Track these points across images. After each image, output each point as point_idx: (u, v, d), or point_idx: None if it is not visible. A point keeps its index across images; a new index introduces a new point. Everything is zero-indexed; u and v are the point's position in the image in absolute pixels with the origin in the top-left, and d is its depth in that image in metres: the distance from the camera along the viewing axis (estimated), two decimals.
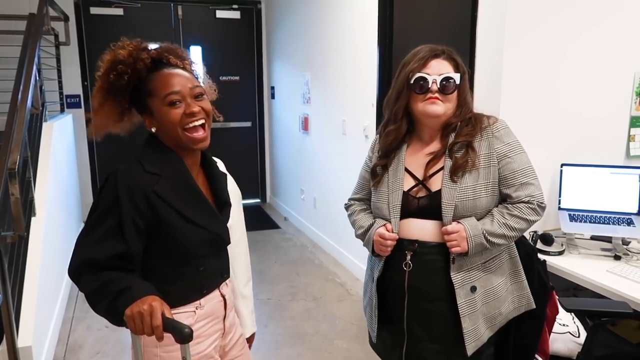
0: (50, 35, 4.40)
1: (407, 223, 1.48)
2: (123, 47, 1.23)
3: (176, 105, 1.22)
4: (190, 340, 1.05)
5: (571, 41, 2.28)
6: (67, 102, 5.08)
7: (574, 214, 2.26)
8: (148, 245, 1.20)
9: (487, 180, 1.43)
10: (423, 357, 1.51)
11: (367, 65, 3.45)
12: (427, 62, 1.45)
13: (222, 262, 1.36)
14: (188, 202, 1.23)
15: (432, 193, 1.45)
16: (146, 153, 1.25)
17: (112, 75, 1.21)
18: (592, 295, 1.92)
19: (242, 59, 5.83)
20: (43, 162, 3.28)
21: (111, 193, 1.16)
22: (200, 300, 1.29)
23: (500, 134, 1.45)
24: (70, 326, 3.17)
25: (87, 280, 1.13)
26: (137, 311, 1.04)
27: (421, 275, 1.46)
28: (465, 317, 1.43)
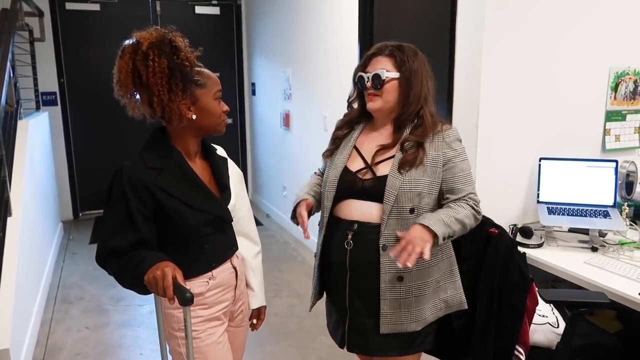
0: (25, 31, 4.30)
1: (349, 204, 1.56)
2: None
3: (219, 101, 1.42)
4: (189, 304, 1.20)
5: (548, 38, 2.31)
6: (42, 99, 4.97)
7: (552, 207, 2.29)
8: (158, 230, 1.36)
9: (431, 178, 1.51)
10: (362, 331, 1.58)
11: (348, 61, 3.45)
12: (368, 62, 1.59)
13: (228, 238, 1.52)
14: (188, 190, 1.37)
15: (377, 177, 1.53)
16: (148, 150, 1.38)
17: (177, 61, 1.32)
18: (571, 287, 1.95)
19: (222, 55, 5.78)
20: (18, 160, 3.21)
21: (117, 187, 1.31)
22: (212, 272, 1.45)
23: (450, 140, 1.54)
24: (49, 328, 3.11)
25: (112, 264, 1.32)
26: (152, 276, 1.20)
27: (361, 253, 1.53)
28: (386, 300, 1.51)
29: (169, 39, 1.31)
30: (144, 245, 1.32)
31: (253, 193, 6.16)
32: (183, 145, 1.41)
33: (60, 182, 5.14)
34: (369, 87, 1.55)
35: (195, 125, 1.39)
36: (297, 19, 4.32)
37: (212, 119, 1.41)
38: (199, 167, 1.46)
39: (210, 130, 1.44)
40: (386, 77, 1.52)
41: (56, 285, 3.74)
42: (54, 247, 4.31)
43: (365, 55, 1.61)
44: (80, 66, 5.19)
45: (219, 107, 1.42)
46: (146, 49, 1.27)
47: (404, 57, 1.53)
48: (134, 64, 1.27)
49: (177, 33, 1.35)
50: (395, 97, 1.54)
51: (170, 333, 1.45)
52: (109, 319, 3.21)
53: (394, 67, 1.53)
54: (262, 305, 1.72)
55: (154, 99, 1.29)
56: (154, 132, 1.43)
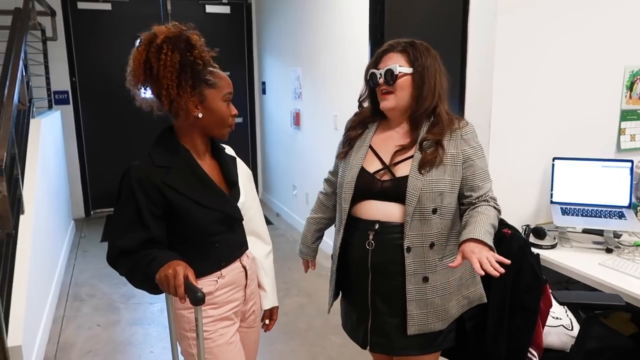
0: (37, 30, 4.33)
1: (368, 204, 1.54)
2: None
3: (229, 104, 1.42)
4: (201, 303, 1.19)
5: (563, 36, 2.28)
6: (55, 98, 5.02)
7: (566, 207, 2.26)
8: (168, 228, 1.36)
9: (452, 177, 1.49)
10: (385, 331, 1.56)
11: (358, 60, 3.44)
12: (380, 59, 1.56)
13: (237, 237, 1.51)
14: (197, 188, 1.37)
15: (397, 178, 1.50)
16: (156, 149, 1.38)
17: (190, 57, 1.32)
18: (584, 288, 1.92)
19: (233, 55, 5.79)
20: (31, 159, 3.24)
21: (127, 186, 1.31)
22: (222, 271, 1.44)
23: (469, 137, 1.52)
24: (61, 325, 3.13)
25: (123, 264, 1.31)
26: (164, 275, 1.20)
27: (383, 253, 1.51)
28: (412, 302, 1.49)
29: (185, 36, 1.31)
30: (154, 244, 1.32)
31: (263, 192, 6.16)
32: (191, 143, 1.41)
33: (72, 180, 5.18)
34: (382, 84, 1.53)
35: (200, 124, 1.39)
36: (308, 18, 4.31)
37: (217, 119, 1.40)
38: (207, 165, 1.45)
39: (214, 132, 1.42)
40: (399, 72, 1.50)
41: (68, 283, 3.77)
42: (66, 244, 4.35)
43: (377, 53, 1.59)
44: (92, 65, 5.23)
45: (227, 110, 1.41)
46: (161, 42, 1.28)
47: (417, 53, 1.51)
48: (147, 55, 1.28)
49: (195, 31, 1.35)
50: (409, 94, 1.52)
51: (182, 334, 1.45)
52: (120, 317, 3.23)
53: (406, 63, 1.51)
54: (275, 306, 1.71)
55: (162, 92, 1.30)
56: (163, 130, 1.43)
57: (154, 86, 1.32)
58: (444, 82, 1.54)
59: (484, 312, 1.67)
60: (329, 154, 1.83)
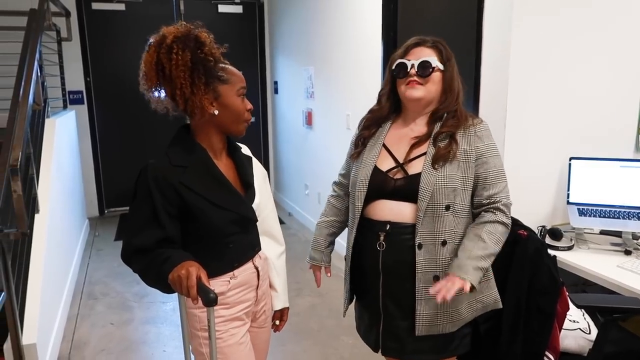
0: (52, 31, 4.37)
1: (380, 204, 1.52)
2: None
3: (243, 98, 1.40)
4: (214, 304, 1.19)
5: (581, 33, 2.24)
6: (69, 98, 5.06)
7: (583, 208, 2.22)
8: (182, 228, 1.36)
9: (464, 174, 1.46)
10: (397, 334, 1.54)
11: (371, 59, 3.42)
12: (410, 50, 1.54)
13: (251, 238, 1.50)
14: (212, 188, 1.37)
15: (410, 176, 1.48)
16: (173, 148, 1.38)
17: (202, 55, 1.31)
18: (602, 291, 1.89)
19: (245, 54, 5.80)
20: (46, 158, 3.26)
21: (143, 185, 1.31)
22: (234, 271, 1.44)
23: (482, 134, 1.49)
24: (75, 323, 3.16)
25: (137, 262, 1.32)
26: (177, 275, 1.20)
27: (394, 254, 1.49)
28: (421, 301, 1.47)
29: (194, 34, 1.31)
30: (169, 243, 1.32)
31: (275, 191, 6.16)
32: (208, 142, 1.41)
33: (86, 180, 5.23)
34: (413, 74, 1.49)
35: (217, 121, 1.38)
36: (320, 17, 4.29)
37: (233, 115, 1.39)
38: (223, 165, 1.45)
39: (230, 128, 1.42)
40: (435, 66, 1.49)
41: (82, 281, 3.80)
42: (80, 243, 4.38)
43: (405, 45, 1.56)
44: (106, 65, 5.27)
45: (242, 105, 1.40)
46: (170, 42, 1.28)
47: (447, 52, 1.51)
48: (157, 57, 1.28)
49: (203, 29, 1.34)
50: (438, 90, 1.51)
51: (193, 332, 1.45)
52: (133, 316, 3.25)
53: (439, 60, 1.50)
54: (285, 307, 1.70)
55: (176, 91, 1.30)
56: (179, 129, 1.43)
57: (168, 87, 1.31)
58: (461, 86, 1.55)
59: (498, 315, 1.64)
60: (341, 153, 1.81)
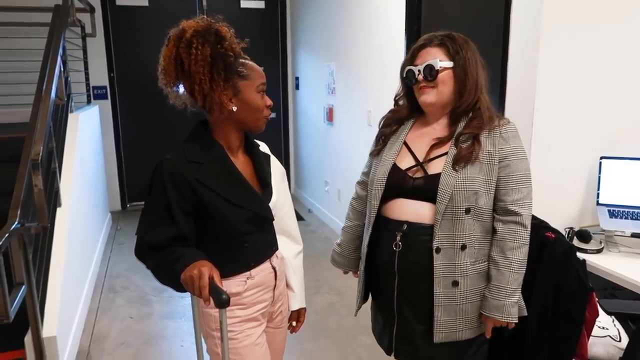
0: (77, 27, 4.41)
1: (398, 203, 1.47)
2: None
3: (263, 94, 1.37)
4: (226, 306, 1.16)
5: (612, 29, 2.14)
6: (93, 93, 5.12)
7: (614, 209, 2.13)
8: (197, 226, 1.33)
9: (487, 176, 1.40)
10: (411, 338, 1.50)
11: (394, 54, 3.35)
12: (417, 54, 1.49)
13: (268, 237, 1.47)
14: (229, 185, 1.34)
15: (429, 175, 1.43)
16: (189, 144, 1.35)
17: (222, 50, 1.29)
18: (631, 296, 1.81)
19: (267, 49, 5.78)
20: (69, 152, 3.30)
21: (158, 180, 1.29)
22: (251, 271, 1.41)
23: (508, 135, 1.42)
24: (95, 316, 3.19)
25: (150, 259, 1.30)
26: (189, 275, 1.18)
27: (411, 256, 1.44)
28: (440, 307, 1.42)
29: (214, 29, 1.28)
30: (182, 241, 1.30)
31: (295, 187, 6.15)
32: (225, 138, 1.38)
33: (109, 174, 5.29)
34: (421, 80, 1.45)
35: (235, 117, 1.35)
36: (342, 12, 4.24)
37: (253, 111, 1.36)
38: (241, 162, 1.42)
39: (250, 125, 1.39)
40: (440, 67, 1.43)
41: (103, 275, 3.84)
42: (102, 237, 4.44)
43: (413, 48, 1.52)
44: (129, 60, 5.31)
45: (261, 101, 1.37)
46: (190, 36, 1.25)
47: (456, 45, 1.44)
48: (177, 52, 1.26)
49: (224, 23, 1.32)
50: (451, 88, 1.45)
51: (208, 332, 1.43)
52: (152, 310, 3.26)
53: (446, 57, 1.44)
54: (302, 307, 1.67)
55: (195, 87, 1.27)
56: (196, 125, 1.41)
57: (187, 82, 1.29)
58: (485, 75, 1.47)
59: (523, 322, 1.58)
60: (362, 150, 1.77)
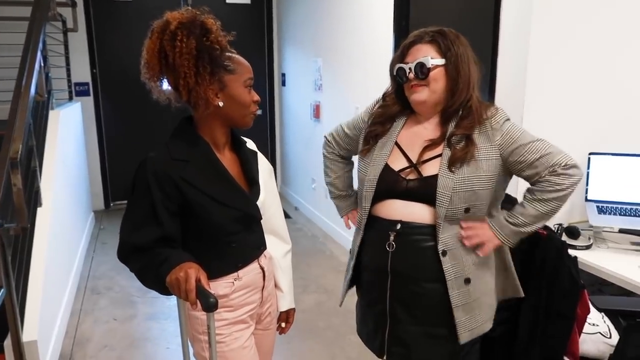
0: (58, 21, 4.31)
1: (390, 203, 1.44)
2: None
3: (250, 89, 1.33)
4: (214, 310, 1.13)
5: (603, 23, 2.14)
6: (75, 89, 5.01)
7: (603, 205, 2.13)
8: (183, 225, 1.29)
9: (486, 173, 1.37)
10: (404, 340, 1.46)
11: (381, 51, 3.33)
12: (407, 51, 1.45)
13: (256, 237, 1.43)
14: (215, 184, 1.30)
15: (424, 177, 1.40)
16: (174, 141, 1.31)
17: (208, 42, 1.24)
18: (619, 291, 1.80)
19: (253, 45, 5.72)
20: (49, 150, 3.22)
21: (142, 179, 1.24)
22: (238, 272, 1.37)
23: (499, 124, 1.39)
24: (78, 319, 3.12)
25: (134, 262, 1.26)
26: (175, 278, 1.15)
27: (406, 256, 1.41)
28: (458, 308, 1.39)
29: (200, 21, 1.23)
30: (168, 242, 1.25)
31: (282, 185, 6.10)
32: (211, 135, 1.34)
33: (92, 172, 5.19)
34: (412, 79, 1.41)
35: (222, 113, 1.31)
36: (329, 7, 4.20)
37: (240, 107, 1.32)
38: (227, 159, 1.38)
39: (237, 121, 1.34)
40: (432, 65, 1.39)
41: (86, 276, 3.76)
42: (85, 236, 4.35)
43: (403, 45, 1.47)
44: (113, 56, 5.21)
45: (248, 96, 1.32)
46: (175, 28, 1.20)
47: (448, 42, 1.40)
48: (160, 44, 1.20)
49: (210, 15, 1.27)
50: (443, 86, 1.40)
51: (195, 336, 1.38)
52: (137, 311, 3.20)
53: (438, 54, 1.40)
54: (291, 308, 1.63)
55: (180, 81, 1.22)
56: (181, 121, 1.36)
57: (171, 76, 1.24)
58: (477, 70, 1.43)
59: (514, 319, 1.57)
60: None
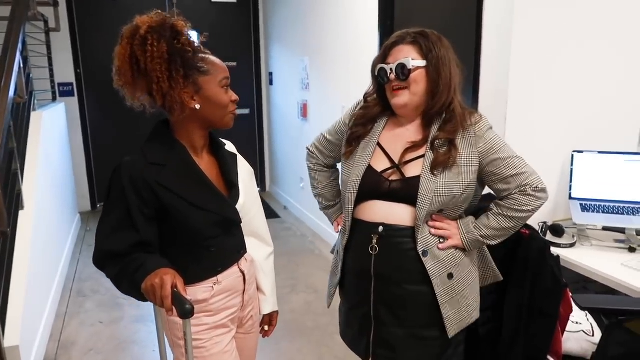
0: (40, 21, 4.25)
1: (372, 205, 1.43)
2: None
3: (227, 89, 1.32)
4: (189, 316, 1.11)
5: (585, 23, 2.14)
6: (59, 90, 4.95)
7: (586, 203, 2.14)
8: (160, 230, 1.27)
9: (465, 179, 1.37)
10: (390, 343, 1.46)
11: (367, 49, 3.32)
12: (389, 52, 1.44)
13: (235, 240, 1.41)
14: (193, 188, 1.28)
15: (407, 178, 1.39)
16: (150, 144, 1.29)
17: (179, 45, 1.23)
18: (603, 289, 1.81)
19: (239, 45, 5.67)
20: (31, 153, 3.17)
21: (117, 184, 1.22)
22: (218, 276, 1.35)
23: (483, 132, 1.40)
24: (63, 322, 3.08)
25: (110, 268, 1.23)
26: (150, 284, 1.13)
27: (389, 259, 1.41)
28: (445, 304, 1.40)
29: (170, 24, 1.21)
30: (144, 247, 1.23)
31: (270, 184, 6.08)
32: (188, 139, 1.31)
33: (77, 174, 5.13)
34: (393, 80, 1.40)
35: (199, 116, 1.28)
36: (316, 6, 4.18)
37: (217, 108, 1.30)
38: (205, 163, 1.36)
39: (216, 122, 1.32)
40: (412, 66, 1.38)
41: (72, 278, 3.72)
42: (71, 238, 4.30)
43: (385, 46, 1.46)
44: (97, 56, 5.14)
45: (226, 96, 1.31)
46: (144, 33, 1.18)
47: (429, 43, 1.39)
48: (131, 49, 1.19)
49: (180, 17, 1.25)
50: (423, 89, 1.40)
51: (174, 341, 1.37)
52: (123, 314, 3.17)
53: (419, 55, 1.39)
54: (274, 311, 1.62)
55: (153, 86, 1.20)
56: (157, 125, 1.33)
57: (144, 82, 1.22)
58: (458, 73, 1.42)
59: (498, 318, 1.57)
60: None
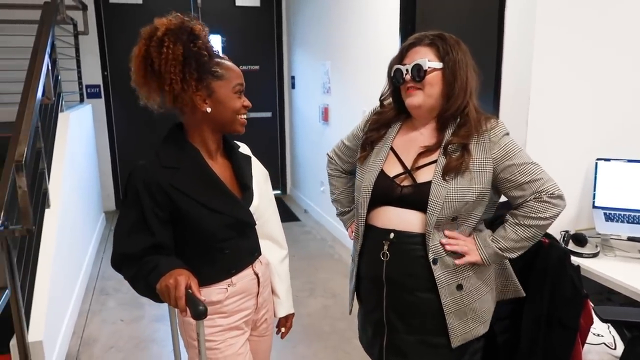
0: (69, 24, 4.37)
1: (384, 211, 1.42)
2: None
3: (240, 95, 1.32)
4: (203, 317, 1.11)
5: (609, 26, 2.10)
6: (87, 92, 5.07)
7: (610, 212, 2.09)
8: (175, 232, 1.29)
9: (479, 185, 1.35)
10: (401, 349, 1.45)
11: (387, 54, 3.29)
12: (406, 53, 1.44)
13: (250, 243, 1.42)
14: (206, 191, 1.29)
15: (418, 184, 1.38)
16: (164, 148, 1.31)
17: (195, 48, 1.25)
18: (627, 301, 1.76)
19: (262, 48, 5.72)
20: (58, 152, 3.25)
21: (132, 188, 1.25)
22: (232, 278, 1.36)
23: (498, 138, 1.38)
24: (85, 319, 3.15)
25: (127, 270, 1.26)
26: (164, 285, 1.14)
27: (400, 266, 1.40)
28: (450, 314, 1.38)
29: (188, 27, 1.23)
30: (159, 249, 1.25)
31: (291, 188, 6.10)
32: (201, 141, 1.33)
33: (103, 174, 5.24)
34: (408, 80, 1.40)
35: (211, 119, 1.30)
36: (337, 10, 4.19)
37: (228, 113, 1.31)
38: (219, 165, 1.37)
39: (226, 127, 1.34)
40: (428, 68, 1.37)
41: (95, 276, 3.80)
42: (95, 237, 4.39)
43: (402, 47, 1.46)
44: (123, 59, 5.09)
45: (238, 102, 1.32)
46: (162, 35, 1.21)
47: (447, 46, 1.38)
48: (147, 50, 1.22)
49: (198, 21, 1.27)
50: (439, 91, 1.38)
51: (189, 342, 1.38)
52: (144, 313, 3.22)
53: (436, 57, 1.38)
54: (290, 313, 1.62)
55: (165, 87, 1.22)
56: (171, 128, 1.36)
57: (155, 82, 1.24)
58: (475, 78, 1.41)
59: (516, 328, 1.54)
60: None
